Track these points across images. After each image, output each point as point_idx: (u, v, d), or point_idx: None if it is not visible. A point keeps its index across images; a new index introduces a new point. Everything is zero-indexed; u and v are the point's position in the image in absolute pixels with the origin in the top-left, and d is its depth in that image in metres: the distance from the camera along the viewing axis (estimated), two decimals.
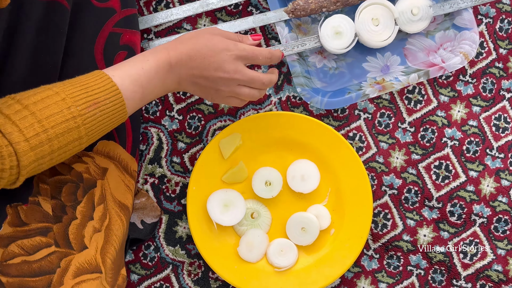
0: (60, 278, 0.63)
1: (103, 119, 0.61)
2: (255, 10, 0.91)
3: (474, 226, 0.89)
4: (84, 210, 0.68)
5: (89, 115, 0.60)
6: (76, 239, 0.66)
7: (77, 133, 0.59)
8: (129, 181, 0.77)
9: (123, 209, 0.74)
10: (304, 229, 0.85)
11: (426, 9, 0.87)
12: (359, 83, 0.89)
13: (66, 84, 0.60)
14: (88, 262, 0.66)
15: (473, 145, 0.90)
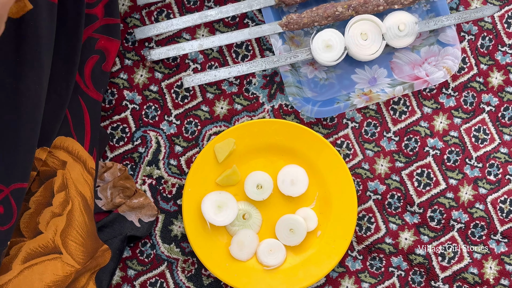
0: (7, 265, 0.63)
1: None
2: (251, 22, 0.96)
3: (452, 231, 0.94)
4: (39, 199, 0.67)
5: None
6: (28, 227, 0.66)
7: None
8: (87, 177, 0.77)
9: (83, 200, 0.74)
10: (292, 230, 0.89)
11: (412, 25, 0.92)
12: (347, 94, 0.94)
13: None
14: (43, 245, 0.66)
15: (454, 155, 0.95)
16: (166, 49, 0.92)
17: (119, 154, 0.93)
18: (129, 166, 0.93)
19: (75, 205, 0.72)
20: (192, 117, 0.94)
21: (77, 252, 0.69)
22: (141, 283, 0.92)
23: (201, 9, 0.95)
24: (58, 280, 0.65)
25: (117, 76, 0.93)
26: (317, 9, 0.92)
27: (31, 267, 0.64)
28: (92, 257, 0.72)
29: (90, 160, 0.78)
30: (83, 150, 0.76)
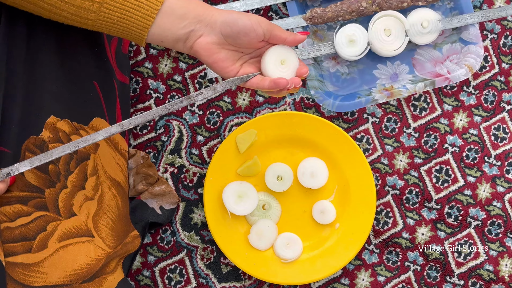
0: (43, 242, 0.64)
1: (125, 8, 0.60)
2: (275, 15, 0.97)
3: (469, 228, 0.95)
4: (74, 181, 0.68)
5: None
6: (65, 207, 0.67)
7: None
8: (119, 159, 0.78)
9: (114, 183, 0.75)
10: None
11: (436, 22, 0.93)
12: (369, 89, 0.95)
13: None
14: (77, 227, 0.67)
15: (473, 152, 0.96)
16: None
17: (142, 142, 0.94)
18: (151, 154, 0.94)
19: (105, 189, 0.73)
20: (214, 108, 0.95)
21: (108, 236, 0.70)
22: (160, 269, 0.93)
23: (226, 1, 0.96)
24: (90, 263, 0.66)
25: (142, 65, 0.95)
26: (341, 3, 0.93)
27: (66, 247, 0.65)
28: (122, 241, 0.73)
29: (122, 142, 0.79)
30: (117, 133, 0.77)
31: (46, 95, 0.66)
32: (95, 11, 0.61)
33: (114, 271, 0.70)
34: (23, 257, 0.62)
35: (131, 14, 0.61)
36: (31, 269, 0.62)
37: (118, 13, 0.61)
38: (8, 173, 0.62)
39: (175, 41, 0.64)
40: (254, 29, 0.63)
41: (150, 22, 0.62)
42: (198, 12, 0.63)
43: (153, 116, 0.65)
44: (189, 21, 0.63)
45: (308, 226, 0.93)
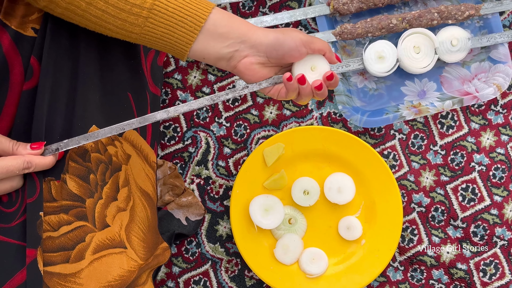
0: (81, 253, 0.64)
1: (169, 24, 0.61)
2: (304, 30, 0.97)
3: (495, 248, 0.95)
4: (108, 191, 0.69)
5: (163, 5, 0.60)
6: (99, 218, 0.67)
7: (139, 8, 0.60)
8: (149, 170, 0.79)
9: (144, 195, 0.76)
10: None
11: (465, 41, 0.93)
12: (396, 105, 0.95)
13: None
14: (111, 238, 0.68)
15: (499, 172, 0.96)
16: None
17: (170, 152, 0.95)
18: (179, 165, 0.95)
19: (136, 201, 0.73)
20: (241, 120, 0.95)
21: (139, 247, 0.71)
22: (185, 280, 0.93)
23: (256, 14, 0.97)
24: (123, 274, 0.66)
25: (172, 77, 0.95)
26: (371, 20, 0.93)
27: (100, 259, 0.66)
28: (152, 252, 0.74)
29: (152, 153, 0.79)
30: (146, 144, 0.78)
31: (89, 105, 0.67)
32: (140, 25, 0.62)
33: (145, 283, 0.70)
34: (61, 267, 0.62)
35: (174, 30, 0.62)
36: (68, 279, 0.62)
37: (162, 28, 0.62)
38: (56, 148, 0.64)
39: (217, 59, 0.65)
40: (298, 50, 0.64)
41: (193, 39, 0.63)
42: (242, 31, 0.64)
43: (198, 106, 0.66)
44: (233, 40, 0.64)
45: (333, 242, 0.92)
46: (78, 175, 0.65)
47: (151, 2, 0.61)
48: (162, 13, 0.61)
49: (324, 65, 0.68)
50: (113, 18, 0.61)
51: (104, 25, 0.62)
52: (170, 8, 0.61)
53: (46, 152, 0.64)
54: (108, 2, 0.60)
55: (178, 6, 0.61)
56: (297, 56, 0.64)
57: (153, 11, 0.61)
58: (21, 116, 0.65)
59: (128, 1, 0.60)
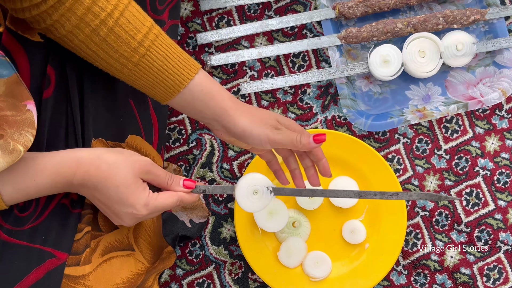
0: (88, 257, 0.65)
1: (152, 79, 0.64)
2: (309, 33, 0.97)
3: (499, 253, 0.94)
4: None
5: (148, 62, 0.63)
6: (105, 222, 0.68)
7: (126, 60, 0.63)
8: None
9: None
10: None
11: (470, 45, 0.93)
12: (401, 109, 0.95)
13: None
14: (119, 240, 0.69)
15: (504, 176, 0.95)
16: (226, 55, 0.94)
17: (175, 154, 0.95)
18: (183, 167, 0.95)
19: None
20: None
21: (146, 250, 0.71)
22: (188, 282, 0.93)
23: (261, 17, 0.97)
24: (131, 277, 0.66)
25: None
26: (376, 24, 0.93)
27: (109, 260, 0.66)
28: (158, 256, 0.74)
29: (158, 158, 0.80)
30: (152, 149, 0.78)
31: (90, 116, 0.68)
32: (124, 73, 0.64)
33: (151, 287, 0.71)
34: (70, 269, 0.63)
35: (154, 86, 0.65)
36: (77, 281, 0.63)
37: (143, 81, 0.65)
38: (204, 190, 0.68)
39: (194, 118, 0.69)
40: (262, 146, 0.68)
41: (170, 98, 0.66)
42: (216, 111, 0.67)
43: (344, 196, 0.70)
44: (207, 116, 0.67)
45: (337, 245, 0.93)
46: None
47: (138, 58, 0.63)
48: (145, 70, 0.64)
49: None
50: (101, 60, 0.63)
51: (93, 62, 0.65)
52: (154, 68, 0.64)
53: (194, 190, 0.68)
54: (99, 46, 0.62)
55: (162, 67, 0.64)
56: (261, 150, 0.70)
57: (138, 66, 0.63)
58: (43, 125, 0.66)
59: (117, 51, 0.62)
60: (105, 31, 0.61)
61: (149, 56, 0.63)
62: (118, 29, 0.61)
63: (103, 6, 0.60)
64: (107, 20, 0.61)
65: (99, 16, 0.60)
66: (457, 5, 0.97)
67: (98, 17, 0.60)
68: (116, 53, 0.62)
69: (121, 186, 0.62)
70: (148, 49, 0.63)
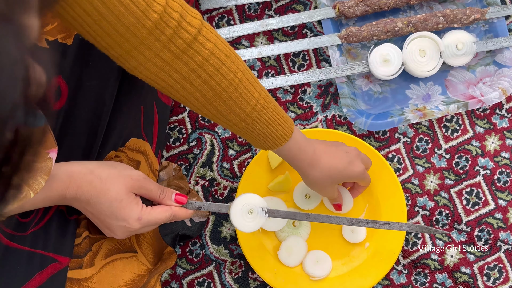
0: (91, 260, 0.66)
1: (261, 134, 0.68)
2: (309, 33, 0.98)
3: (499, 252, 0.94)
4: None
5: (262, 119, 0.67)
6: None
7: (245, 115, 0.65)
8: (152, 178, 0.80)
9: None
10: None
11: (470, 45, 0.93)
12: (401, 109, 0.95)
13: None
14: (121, 242, 0.69)
15: (504, 176, 0.95)
16: None
17: (175, 154, 0.95)
18: (183, 166, 0.95)
19: None
20: None
21: (148, 251, 0.72)
22: (189, 281, 0.93)
23: (261, 17, 0.97)
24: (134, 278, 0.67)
25: None
26: (377, 23, 0.93)
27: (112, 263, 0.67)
28: (159, 257, 0.74)
29: (155, 162, 0.81)
30: (151, 152, 0.79)
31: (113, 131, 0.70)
32: (238, 126, 0.67)
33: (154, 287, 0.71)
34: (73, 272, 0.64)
35: (258, 142, 0.69)
36: (81, 284, 0.64)
37: (254, 134, 0.68)
38: (199, 206, 0.68)
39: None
40: None
41: (278, 146, 0.70)
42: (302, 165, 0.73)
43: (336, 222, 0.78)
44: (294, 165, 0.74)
45: (337, 244, 0.93)
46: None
47: (244, 124, 0.66)
48: (250, 130, 0.66)
49: None
50: (223, 117, 0.65)
51: (207, 114, 0.66)
52: (258, 130, 0.67)
53: (188, 206, 0.68)
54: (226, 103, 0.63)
55: (265, 131, 0.67)
56: None
57: (253, 121, 0.66)
58: None
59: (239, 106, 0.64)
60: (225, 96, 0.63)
61: (255, 121, 0.66)
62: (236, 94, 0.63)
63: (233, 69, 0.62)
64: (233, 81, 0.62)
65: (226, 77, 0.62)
66: (458, 4, 0.97)
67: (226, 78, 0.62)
68: (231, 112, 0.64)
69: (114, 201, 0.62)
70: (258, 114, 0.65)
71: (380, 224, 0.68)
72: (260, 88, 0.65)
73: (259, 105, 0.64)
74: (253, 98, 0.63)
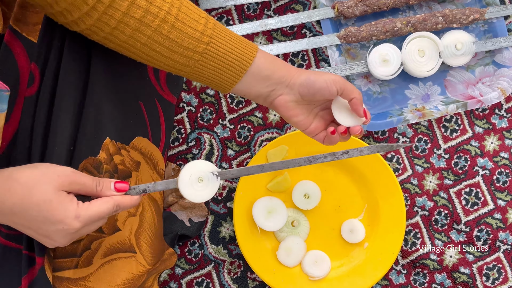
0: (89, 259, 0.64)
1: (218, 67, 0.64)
2: (309, 33, 0.97)
3: (498, 252, 0.94)
4: None
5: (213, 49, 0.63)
6: (108, 224, 0.67)
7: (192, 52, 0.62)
8: (157, 178, 0.79)
9: (152, 201, 0.76)
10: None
11: (470, 45, 0.93)
12: (400, 109, 0.95)
13: None
14: (121, 242, 0.68)
15: (503, 176, 0.95)
16: None
17: (174, 154, 0.95)
18: (182, 166, 0.95)
19: (145, 207, 0.74)
20: (245, 122, 0.96)
21: (147, 253, 0.71)
22: (187, 281, 0.93)
23: (260, 17, 0.97)
24: (132, 278, 0.66)
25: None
26: (376, 23, 0.93)
27: (111, 262, 0.66)
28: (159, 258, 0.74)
29: (161, 161, 0.80)
30: (157, 151, 0.78)
31: (104, 116, 0.67)
32: (190, 66, 0.64)
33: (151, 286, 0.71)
34: (69, 272, 0.63)
35: (221, 72, 0.65)
36: (77, 283, 0.63)
37: (210, 69, 0.65)
38: (144, 189, 0.63)
39: (257, 96, 0.68)
40: (329, 90, 0.66)
41: (237, 80, 0.66)
42: (281, 74, 0.67)
43: (294, 165, 0.65)
44: (272, 81, 0.67)
45: (336, 244, 0.93)
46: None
47: (203, 47, 0.63)
48: (212, 57, 0.64)
49: None
50: (165, 58, 0.63)
51: (155, 63, 0.64)
52: (220, 53, 0.64)
53: (132, 191, 0.62)
54: (163, 45, 0.62)
55: (227, 51, 0.64)
56: (327, 95, 0.67)
57: (204, 55, 0.63)
58: (25, 122, 0.65)
59: (182, 45, 0.62)
60: (167, 29, 0.61)
61: (213, 43, 0.63)
62: (179, 24, 0.61)
63: (161, 6, 0.60)
64: (167, 18, 0.61)
65: (158, 15, 0.60)
66: (457, 4, 0.97)
67: (158, 17, 0.60)
68: (180, 47, 0.62)
69: (43, 204, 0.55)
70: (211, 37, 0.63)
71: (339, 154, 0.65)
72: (205, 14, 0.64)
73: (210, 22, 0.63)
74: (199, 24, 0.62)
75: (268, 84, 0.67)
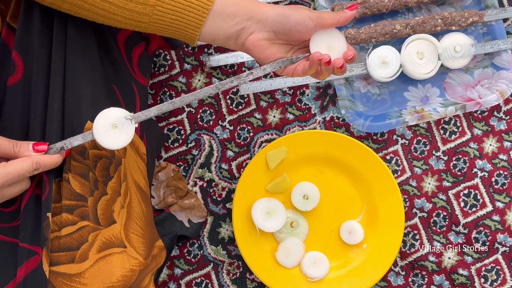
0: (85, 253, 0.64)
1: (177, 9, 0.61)
2: None
3: (496, 254, 0.95)
4: (114, 186, 0.68)
5: None
6: (104, 215, 0.66)
7: None
8: (140, 163, 0.78)
9: (138, 189, 0.75)
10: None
11: (468, 47, 0.93)
12: (399, 111, 0.96)
13: None
14: (115, 236, 0.67)
15: (502, 178, 0.96)
16: (225, 56, 0.95)
17: (173, 155, 0.95)
18: (182, 167, 0.95)
19: (133, 196, 0.72)
20: (245, 124, 0.96)
21: (139, 244, 0.70)
22: (186, 282, 0.94)
23: None
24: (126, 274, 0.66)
25: (176, 80, 0.96)
26: (375, 25, 0.94)
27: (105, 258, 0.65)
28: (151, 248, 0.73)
29: (141, 145, 0.78)
30: (136, 136, 0.76)
31: (82, 100, 0.66)
32: (148, 14, 0.62)
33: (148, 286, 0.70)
34: (65, 267, 0.63)
35: (182, 15, 0.62)
36: (73, 279, 0.62)
37: (170, 14, 0.62)
38: (61, 147, 0.62)
39: (226, 39, 0.65)
40: (305, 25, 0.63)
41: (202, 22, 0.63)
42: (249, 9, 0.63)
43: (204, 95, 0.65)
44: (240, 18, 0.63)
45: (335, 246, 0.93)
46: (80, 173, 0.65)
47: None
48: (167, 4, 0.61)
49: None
50: (120, 10, 0.61)
51: (112, 17, 0.62)
52: None
53: (51, 151, 0.63)
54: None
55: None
56: (304, 31, 0.63)
57: (158, 2, 0.61)
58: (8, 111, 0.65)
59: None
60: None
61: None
62: None
63: None
64: None
65: None
66: (456, 7, 0.97)
67: None
68: (131, 1, 0.61)
69: None
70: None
71: (244, 76, 0.64)
72: None
73: None
74: None
75: (236, 22, 0.63)
